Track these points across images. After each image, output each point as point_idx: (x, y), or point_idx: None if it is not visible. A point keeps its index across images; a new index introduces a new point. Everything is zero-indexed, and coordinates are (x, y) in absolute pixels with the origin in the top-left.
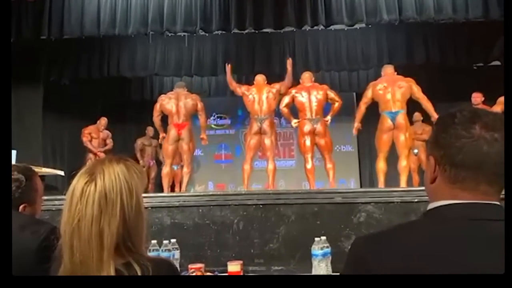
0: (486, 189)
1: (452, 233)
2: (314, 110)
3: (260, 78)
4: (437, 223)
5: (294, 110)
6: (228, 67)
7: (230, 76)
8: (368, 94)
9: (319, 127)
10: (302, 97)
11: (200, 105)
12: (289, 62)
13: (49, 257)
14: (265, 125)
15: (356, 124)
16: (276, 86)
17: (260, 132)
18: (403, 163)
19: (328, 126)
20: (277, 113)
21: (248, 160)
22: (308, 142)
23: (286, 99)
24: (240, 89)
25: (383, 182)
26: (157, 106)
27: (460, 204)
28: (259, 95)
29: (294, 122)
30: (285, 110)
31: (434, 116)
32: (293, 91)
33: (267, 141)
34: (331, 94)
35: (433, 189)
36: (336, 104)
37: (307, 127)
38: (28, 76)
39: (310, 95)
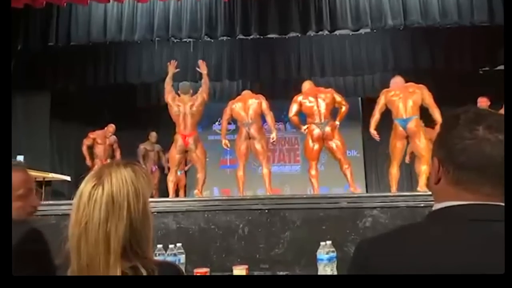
0: (490, 191)
1: (455, 234)
2: (322, 114)
3: (246, 92)
4: (440, 224)
5: (302, 116)
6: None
7: (224, 132)
8: (382, 101)
9: (328, 130)
10: (309, 103)
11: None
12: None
13: (27, 264)
14: (253, 130)
15: (372, 131)
16: (260, 97)
17: (249, 137)
18: (423, 167)
19: (337, 128)
20: (282, 119)
21: (241, 167)
22: (315, 148)
23: (294, 107)
24: (229, 113)
25: (395, 188)
26: (168, 93)
27: (463, 205)
28: (243, 104)
29: (304, 128)
30: (295, 119)
31: (439, 121)
32: (300, 97)
33: (258, 146)
34: (338, 98)
35: (437, 190)
36: (343, 108)
37: (316, 131)
38: (35, 83)
39: (318, 99)
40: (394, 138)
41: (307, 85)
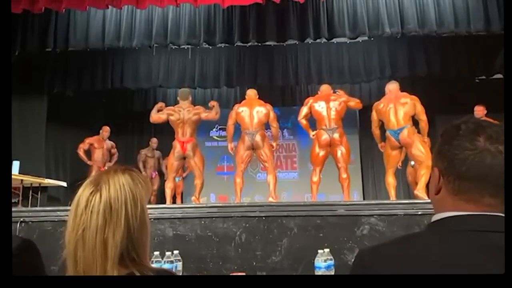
0: (490, 201)
1: (455, 245)
2: (332, 120)
3: (251, 93)
4: (440, 235)
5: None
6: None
7: (230, 136)
8: (374, 117)
9: (336, 136)
10: (319, 107)
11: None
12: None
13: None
14: (257, 139)
15: (380, 145)
16: (267, 107)
17: (253, 147)
18: (422, 171)
19: (345, 136)
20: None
21: (240, 174)
22: (322, 154)
23: (304, 110)
24: (234, 117)
25: (394, 195)
26: (167, 116)
27: (463, 216)
28: (250, 110)
29: (312, 134)
30: (303, 122)
31: (426, 138)
32: (311, 100)
33: (263, 154)
34: (352, 103)
35: (438, 200)
36: (354, 103)
37: (325, 137)
38: (32, 88)
39: (328, 104)
40: (388, 148)
41: (324, 88)
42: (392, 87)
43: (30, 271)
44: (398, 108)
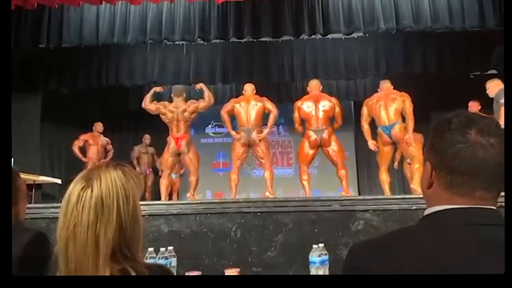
0: (483, 194)
1: (448, 238)
2: (320, 120)
3: (249, 88)
4: (433, 228)
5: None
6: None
7: (229, 125)
8: (365, 112)
9: (324, 136)
10: (307, 108)
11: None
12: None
13: (35, 266)
14: (254, 136)
15: (370, 142)
16: (263, 99)
17: (249, 143)
18: (416, 165)
19: (334, 134)
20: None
21: (235, 170)
22: (311, 153)
23: (296, 115)
24: (230, 108)
25: (388, 191)
26: (157, 109)
27: (456, 209)
28: (246, 106)
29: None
30: (298, 128)
31: (410, 136)
32: (298, 103)
33: (259, 150)
34: (337, 109)
35: (430, 194)
36: (335, 125)
37: (313, 138)
38: (26, 85)
39: (317, 104)
40: (380, 144)
41: (313, 83)
42: (383, 85)
43: (39, 262)
44: (388, 104)
